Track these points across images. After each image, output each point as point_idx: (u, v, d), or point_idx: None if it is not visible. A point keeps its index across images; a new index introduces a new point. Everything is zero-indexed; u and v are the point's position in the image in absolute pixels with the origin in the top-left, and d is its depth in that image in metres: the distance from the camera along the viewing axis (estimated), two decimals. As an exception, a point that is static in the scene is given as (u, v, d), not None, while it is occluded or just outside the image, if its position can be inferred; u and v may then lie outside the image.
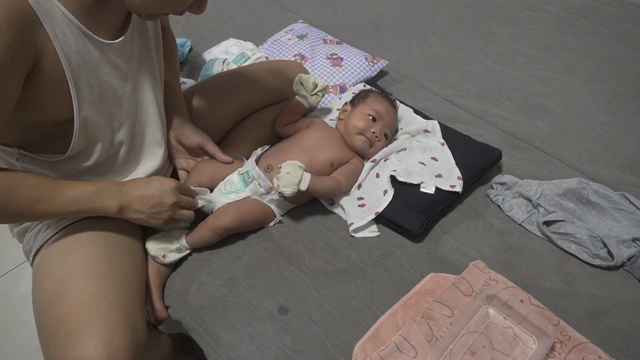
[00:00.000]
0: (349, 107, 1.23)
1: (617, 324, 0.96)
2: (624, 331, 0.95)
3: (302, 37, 1.58)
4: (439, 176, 1.13)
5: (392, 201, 1.09)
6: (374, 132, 1.16)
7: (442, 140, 1.21)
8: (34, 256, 0.96)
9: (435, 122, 1.25)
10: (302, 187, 1.02)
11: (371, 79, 1.48)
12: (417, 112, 1.31)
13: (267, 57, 1.54)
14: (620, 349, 0.92)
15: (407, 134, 1.26)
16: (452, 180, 1.13)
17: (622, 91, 1.52)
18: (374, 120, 1.17)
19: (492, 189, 1.20)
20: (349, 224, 1.10)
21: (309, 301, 0.98)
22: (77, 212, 0.86)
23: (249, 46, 1.56)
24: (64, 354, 0.77)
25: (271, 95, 1.26)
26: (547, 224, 1.10)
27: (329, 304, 0.98)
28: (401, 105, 1.32)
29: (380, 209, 1.08)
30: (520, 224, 1.13)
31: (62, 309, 0.81)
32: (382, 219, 1.10)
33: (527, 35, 1.74)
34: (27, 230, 0.98)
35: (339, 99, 1.38)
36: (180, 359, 1.18)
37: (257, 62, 1.48)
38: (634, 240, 1.06)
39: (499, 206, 1.17)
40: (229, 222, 1.04)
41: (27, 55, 0.73)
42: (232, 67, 1.45)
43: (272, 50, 1.56)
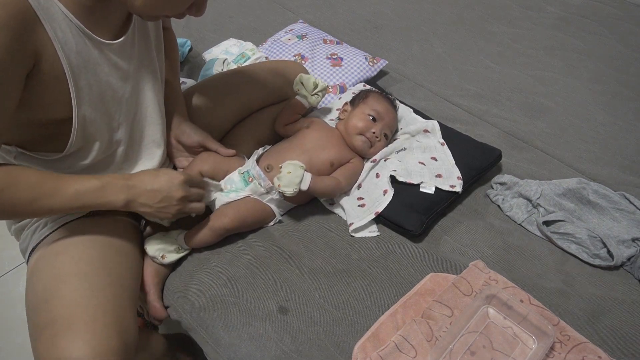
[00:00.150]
0: (349, 107, 1.23)
1: (617, 323, 0.96)
2: (624, 331, 0.95)
3: (302, 37, 1.58)
4: (439, 176, 1.13)
5: (392, 201, 1.09)
6: (374, 133, 1.16)
7: (442, 140, 1.21)
8: (29, 254, 0.95)
9: (435, 122, 1.25)
10: (303, 187, 1.02)
11: (371, 79, 1.48)
12: (417, 112, 1.31)
13: (267, 57, 1.54)
14: (620, 349, 0.92)
15: (407, 134, 1.26)
16: (452, 180, 1.13)
17: (622, 91, 1.52)
18: (374, 120, 1.17)
19: (492, 189, 1.20)
20: (348, 224, 1.10)
21: (309, 301, 0.99)
22: (82, 207, 0.85)
23: (249, 46, 1.56)
24: (51, 355, 0.76)
25: (271, 95, 1.26)
26: (547, 224, 1.10)
27: (329, 304, 0.98)
28: (401, 105, 1.32)
29: (380, 209, 1.08)
30: (520, 224, 1.13)
31: (52, 309, 0.81)
32: (382, 219, 1.10)
33: (527, 35, 1.74)
34: (24, 227, 0.98)
35: (339, 99, 1.38)
36: (179, 359, 1.18)
37: (257, 62, 1.49)
38: (633, 240, 1.06)
39: (499, 206, 1.17)
40: (229, 223, 1.04)
41: (27, 54, 0.73)
42: (232, 67, 1.45)
43: (272, 50, 1.56)
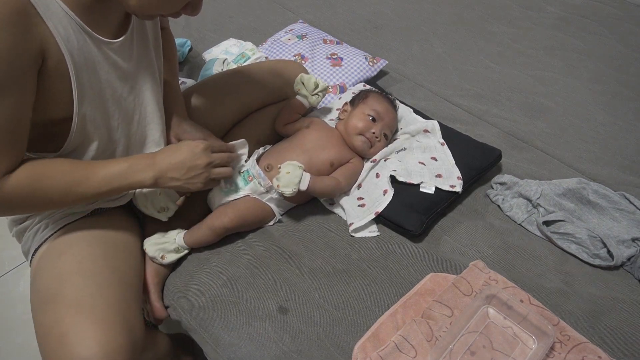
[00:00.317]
0: (348, 107, 1.23)
1: (617, 324, 0.96)
2: (624, 331, 0.95)
3: (302, 37, 1.58)
4: (439, 176, 1.13)
5: (392, 201, 1.09)
6: (373, 133, 1.16)
7: (442, 140, 1.21)
8: (32, 255, 0.96)
9: (435, 122, 1.25)
10: (302, 187, 1.02)
11: (371, 79, 1.48)
12: (417, 112, 1.31)
13: (267, 57, 1.54)
14: (620, 349, 0.92)
15: (407, 134, 1.25)
16: (452, 180, 1.13)
17: (622, 91, 1.51)
18: (373, 120, 1.17)
19: (492, 189, 1.20)
20: (348, 224, 1.10)
21: (309, 301, 0.98)
22: (113, 190, 0.87)
23: (249, 46, 1.56)
24: (60, 354, 0.77)
25: (271, 95, 1.26)
26: (547, 223, 1.10)
27: (329, 304, 0.98)
28: (401, 105, 1.32)
29: (380, 209, 1.08)
30: (520, 224, 1.13)
31: (58, 309, 0.81)
32: (382, 219, 1.10)
33: (527, 35, 1.74)
34: (26, 229, 0.98)
35: (339, 99, 1.38)
36: (180, 358, 1.18)
37: (257, 62, 1.49)
38: (633, 240, 1.06)
39: (498, 206, 1.17)
40: (228, 222, 1.04)
41: (34, 50, 0.73)
42: (232, 67, 1.45)
43: (272, 50, 1.56)
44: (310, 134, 1.18)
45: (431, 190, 1.11)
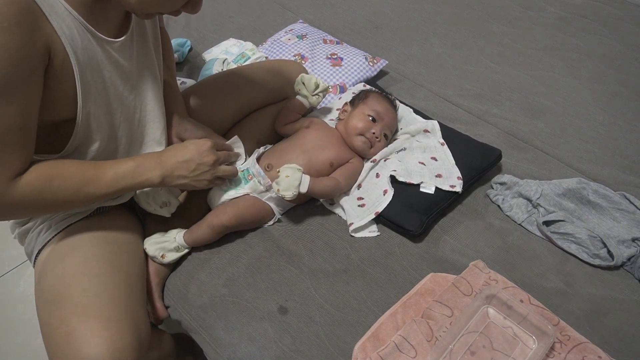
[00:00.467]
0: (348, 108, 1.23)
1: (617, 324, 0.96)
2: (624, 331, 0.95)
3: (302, 37, 1.58)
4: (439, 176, 1.13)
5: (392, 201, 1.09)
6: (373, 133, 1.16)
7: (442, 140, 1.21)
8: (35, 257, 0.96)
9: (435, 122, 1.24)
10: (302, 190, 1.02)
11: (371, 79, 1.49)
12: (417, 112, 1.31)
13: (267, 57, 1.54)
14: (620, 349, 0.92)
15: (407, 133, 1.25)
16: (452, 180, 1.13)
17: (622, 91, 1.51)
18: (373, 120, 1.16)
19: (492, 189, 1.20)
20: (348, 224, 1.10)
21: (309, 301, 0.99)
22: (122, 189, 0.88)
23: (248, 46, 1.56)
24: (67, 353, 0.77)
25: (271, 94, 1.26)
26: (547, 223, 1.10)
27: (329, 304, 0.98)
28: (401, 105, 1.32)
29: (380, 209, 1.08)
30: (520, 224, 1.13)
31: (65, 308, 0.81)
32: (382, 219, 1.10)
33: (527, 35, 1.74)
34: (28, 231, 0.98)
35: (339, 99, 1.38)
36: (180, 358, 1.18)
37: (257, 61, 1.49)
38: (633, 240, 1.06)
39: (498, 206, 1.17)
40: (227, 220, 1.04)
41: (41, 49, 0.74)
42: (232, 67, 1.45)
43: (272, 50, 1.56)
44: (310, 134, 1.18)
45: (431, 190, 1.11)
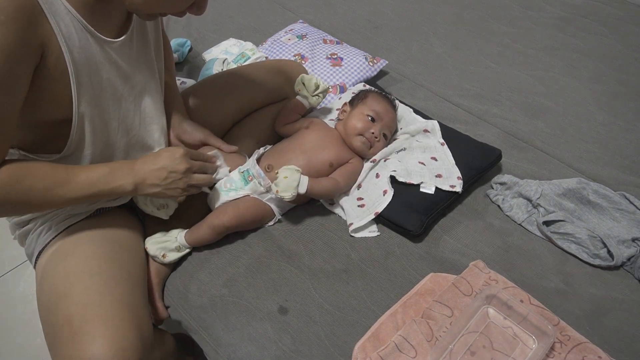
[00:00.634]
0: (348, 108, 1.23)
1: (617, 324, 0.96)
2: (624, 331, 0.95)
3: (302, 37, 1.58)
4: (439, 176, 1.13)
5: (392, 201, 1.09)
6: (373, 133, 1.15)
7: (442, 140, 1.21)
8: (36, 258, 0.96)
9: (435, 122, 1.24)
10: (301, 190, 1.02)
11: (371, 79, 1.48)
12: (417, 112, 1.31)
13: (267, 57, 1.54)
14: (620, 349, 0.92)
15: (407, 133, 1.25)
16: (452, 180, 1.13)
17: (622, 91, 1.51)
18: (373, 120, 1.16)
19: (492, 189, 1.20)
20: (348, 224, 1.10)
21: (309, 301, 0.99)
22: (93, 195, 0.86)
23: (248, 46, 1.56)
24: (71, 353, 0.77)
25: (271, 94, 1.26)
26: (547, 224, 1.10)
27: (329, 303, 0.98)
28: (401, 105, 1.32)
29: (379, 209, 1.08)
30: (520, 224, 1.13)
31: (68, 308, 0.81)
32: (382, 219, 1.10)
33: (527, 35, 1.74)
34: (28, 233, 0.98)
35: (339, 99, 1.38)
36: (181, 358, 1.18)
37: (257, 61, 1.48)
38: (633, 240, 1.06)
39: (498, 206, 1.17)
40: (228, 220, 1.04)
41: (34, 47, 0.73)
42: (232, 67, 1.45)
43: (272, 50, 1.56)
44: (309, 134, 1.18)
45: (431, 190, 1.11)
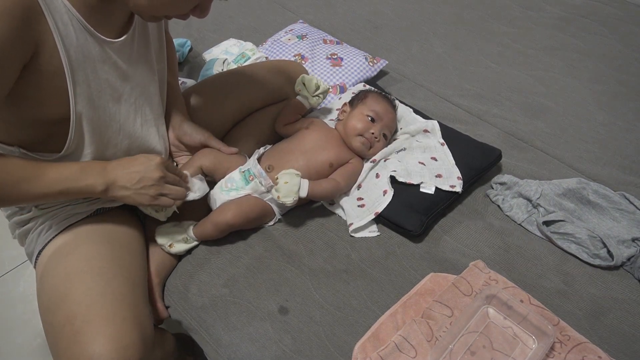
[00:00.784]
0: (347, 108, 1.23)
1: (617, 324, 0.96)
2: (624, 331, 0.95)
3: (302, 37, 1.58)
4: (439, 176, 1.13)
5: (392, 201, 1.09)
6: (373, 133, 1.15)
7: (442, 140, 1.21)
8: (36, 258, 0.96)
9: (435, 122, 1.24)
10: (302, 194, 1.03)
11: (371, 79, 1.48)
12: (417, 111, 1.31)
13: (267, 57, 1.54)
14: (620, 349, 0.92)
15: (407, 133, 1.25)
16: (452, 180, 1.13)
17: (622, 91, 1.51)
18: (372, 121, 1.16)
19: (492, 189, 1.20)
20: (348, 224, 1.10)
21: (309, 301, 0.99)
22: (63, 192, 0.85)
23: (249, 46, 1.56)
24: (73, 352, 0.77)
25: (271, 95, 1.26)
26: (547, 224, 1.10)
27: (329, 303, 0.98)
28: (401, 105, 1.32)
29: (379, 210, 1.08)
30: (520, 224, 1.13)
31: (69, 308, 0.81)
32: (382, 219, 1.10)
33: (527, 35, 1.74)
34: (28, 232, 0.98)
35: (339, 99, 1.38)
36: (181, 358, 1.18)
37: (257, 62, 1.49)
38: (633, 240, 1.06)
39: (498, 206, 1.17)
40: (231, 218, 1.04)
41: (27, 44, 0.73)
42: (232, 67, 1.45)
43: (272, 50, 1.56)
44: (309, 134, 1.18)
45: (431, 190, 1.11)
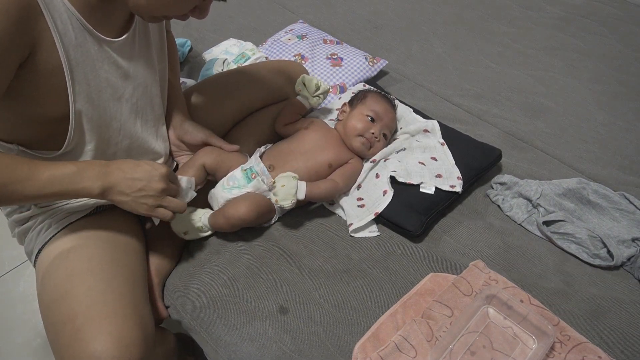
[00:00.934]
0: (347, 108, 1.23)
1: (617, 324, 0.96)
2: (624, 331, 0.95)
3: (302, 37, 1.58)
4: (439, 176, 1.13)
5: (391, 201, 1.09)
6: (373, 133, 1.15)
7: (442, 140, 1.21)
8: (36, 257, 0.96)
9: (435, 121, 1.24)
10: (300, 197, 1.03)
11: (371, 79, 1.48)
12: (416, 111, 1.31)
13: (267, 57, 1.54)
14: (620, 349, 0.92)
15: (407, 133, 1.25)
16: (451, 180, 1.13)
17: (622, 91, 1.52)
18: (372, 120, 1.16)
19: (492, 189, 1.20)
20: (348, 224, 1.10)
21: (309, 301, 0.99)
22: (56, 194, 0.81)
23: (249, 46, 1.56)
24: (74, 350, 0.77)
25: (271, 94, 1.26)
26: (547, 224, 1.10)
27: (329, 303, 0.98)
28: (401, 104, 1.32)
29: (379, 210, 1.08)
30: (520, 224, 1.13)
31: (70, 306, 0.81)
32: (382, 219, 1.10)
33: (527, 35, 1.74)
34: (28, 231, 0.98)
35: (339, 99, 1.38)
36: (182, 358, 1.18)
37: (257, 62, 1.49)
38: (633, 240, 1.06)
39: (498, 206, 1.17)
40: (244, 213, 1.02)
41: (24, 43, 0.73)
42: (232, 67, 1.45)
43: (272, 50, 1.56)
44: (309, 135, 1.18)
45: (431, 190, 1.11)
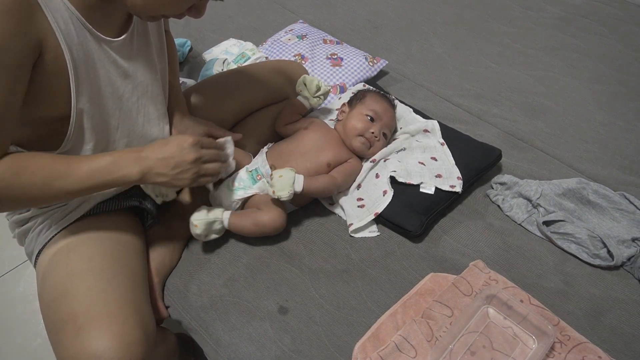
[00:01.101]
0: (346, 108, 1.23)
1: (617, 324, 0.96)
2: (624, 331, 0.95)
3: (302, 37, 1.58)
4: (439, 176, 1.13)
5: (391, 201, 1.09)
6: (372, 133, 1.15)
7: (442, 140, 1.21)
8: (36, 257, 0.96)
9: (435, 121, 1.24)
10: (297, 188, 1.02)
11: (371, 79, 1.49)
12: (416, 111, 1.31)
13: (267, 57, 1.54)
14: (620, 349, 0.92)
15: (407, 133, 1.25)
16: (451, 180, 1.13)
17: (622, 91, 1.51)
18: (372, 120, 1.16)
19: (492, 189, 1.20)
20: (348, 224, 1.10)
21: (309, 301, 0.99)
22: (97, 185, 0.83)
23: (249, 46, 1.56)
24: (76, 349, 0.77)
25: (271, 94, 1.26)
26: (547, 224, 1.10)
27: (329, 303, 0.98)
28: (400, 104, 1.32)
29: (379, 210, 1.08)
30: (520, 224, 1.13)
31: (71, 306, 0.81)
32: (382, 219, 1.10)
33: (527, 35, 1.74)
34: (28, 231, 0.98)
35: (339, 99, 1.38)
36: (183, 358, 1.18)
37: (257, 62, 1.49)
38: (633, 240, 1.06)
39: (498, 206, 1.17)
40: (281, 224, 1.05)
41: (32, 41, 0.73)
42: (232, 67, 1.45)
43: (272, 50, 1.56)
44: (308, 135, 1.18)
45: (431, 190, 1.11)
